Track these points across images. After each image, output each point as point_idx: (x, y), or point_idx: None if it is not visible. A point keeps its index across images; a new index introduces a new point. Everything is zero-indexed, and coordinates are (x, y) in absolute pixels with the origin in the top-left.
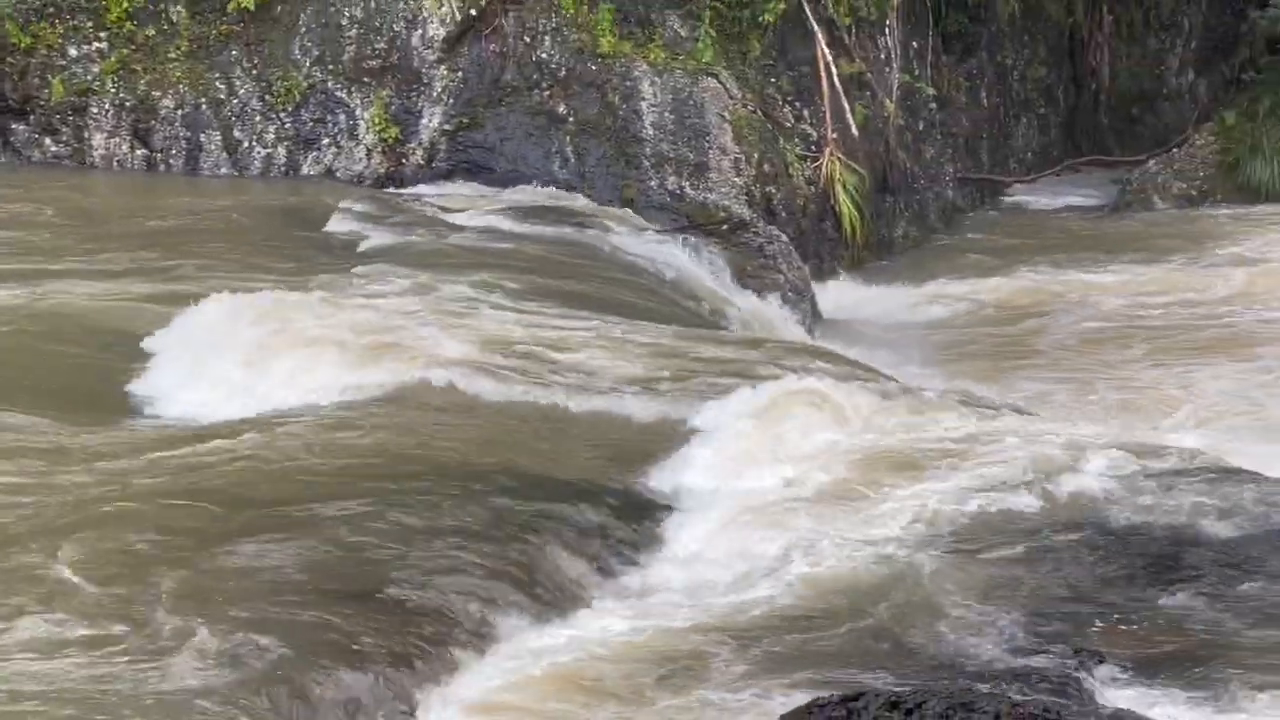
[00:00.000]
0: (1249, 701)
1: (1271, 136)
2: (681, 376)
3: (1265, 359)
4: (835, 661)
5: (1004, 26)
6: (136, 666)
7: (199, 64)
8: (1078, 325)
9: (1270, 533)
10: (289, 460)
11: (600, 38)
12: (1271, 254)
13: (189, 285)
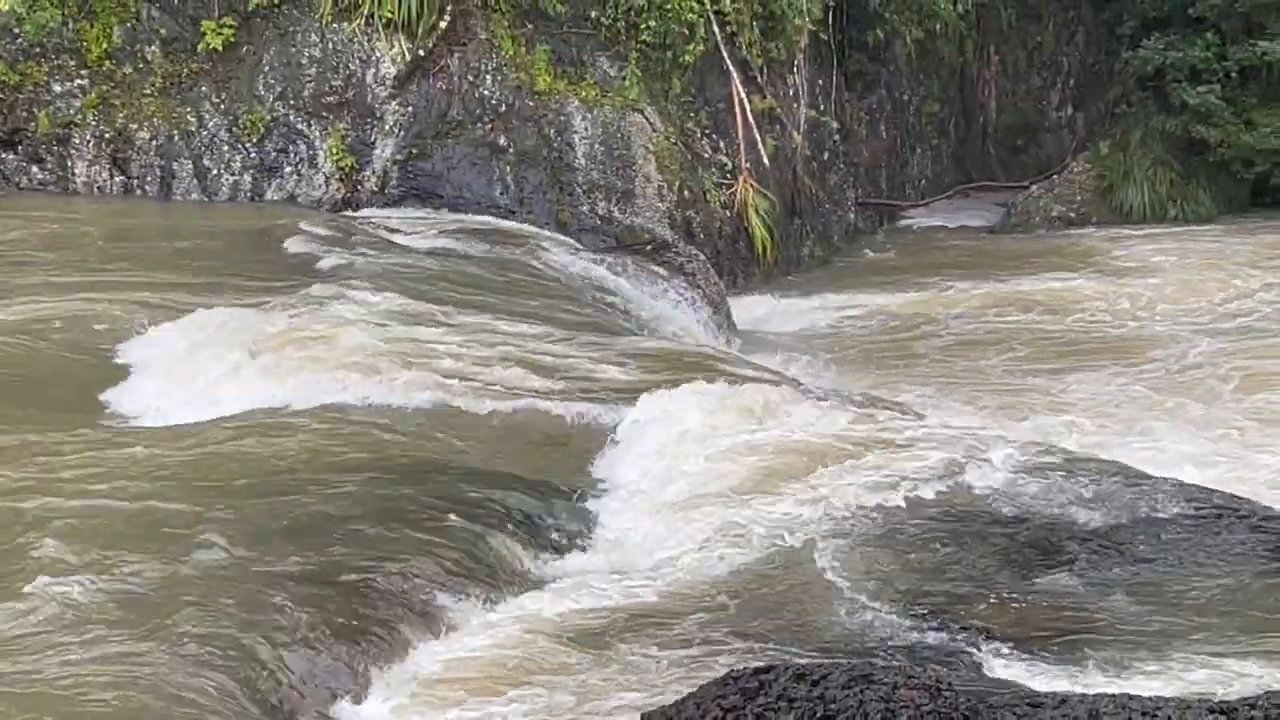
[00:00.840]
0: (1120, 671)
1: (1141, 165)
2: (609, 381)
3: (1129, 364)
4: (749, 638)
5: (901, 66)
6: (114, 648)
7: (171, 99)
8: (964, 334)
9: (1137, 520)
10: (251, 460)
11: (537, 76)
12: (1136, 271)
13: (162, 301)
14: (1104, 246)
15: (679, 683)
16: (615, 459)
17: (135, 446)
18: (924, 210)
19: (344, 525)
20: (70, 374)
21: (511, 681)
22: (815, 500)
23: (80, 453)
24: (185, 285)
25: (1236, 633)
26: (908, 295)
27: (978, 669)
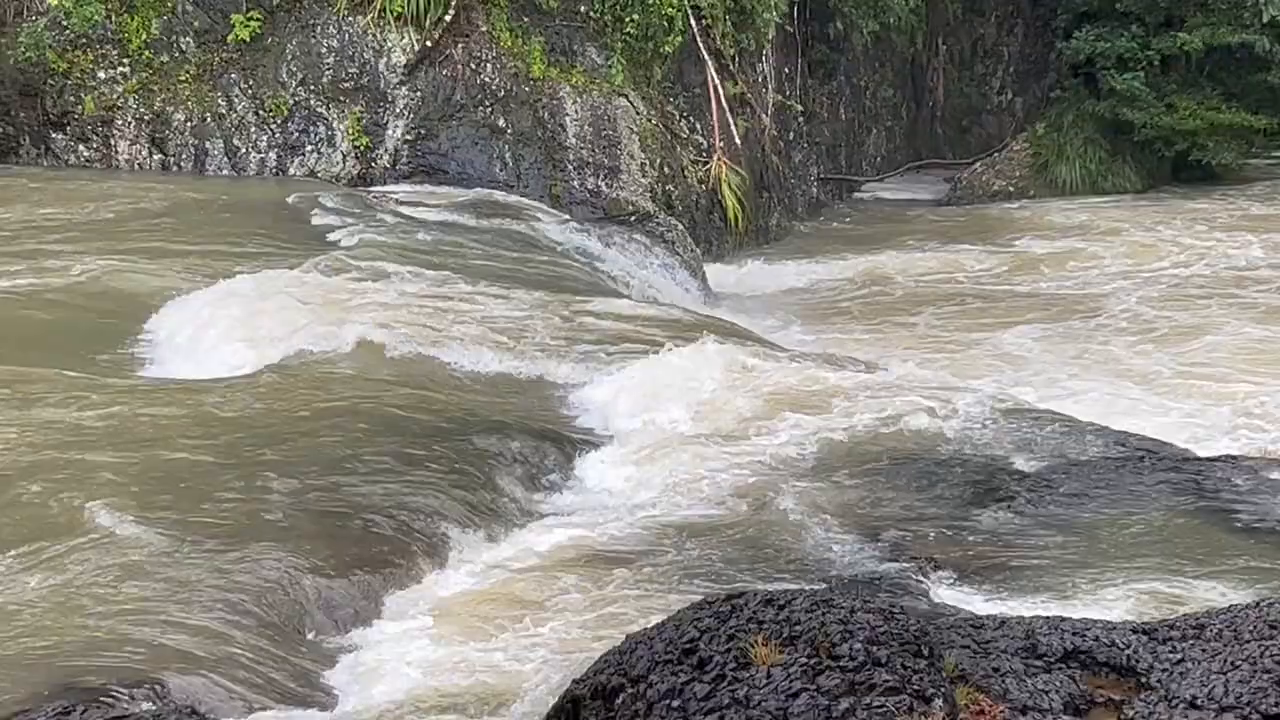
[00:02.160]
0: (1054, 596)
1: (1074, 143)
2: (598, 337)
3: (1066, 320)
4: (723, 567)
5: (858, 55)
6: (156, 574)
7: (204, 85)
8: (917, 294)
9: (1069, 461)
10: (276, 408)
11: (532, 65)
12: (1072, 238)
13: (198, 265)
14: (1041, 216)
15: (661, 607)
16: (603, 408)
17: (172, 396)
18: (879, 184)
19: (358, 466)
20: (114, 331)
21: (512, 606)
22: (782, 444)
23: (123, 401)
24: (218, 251)
25: (1156, 562)
26: (865, 260)
27: (926, 595)
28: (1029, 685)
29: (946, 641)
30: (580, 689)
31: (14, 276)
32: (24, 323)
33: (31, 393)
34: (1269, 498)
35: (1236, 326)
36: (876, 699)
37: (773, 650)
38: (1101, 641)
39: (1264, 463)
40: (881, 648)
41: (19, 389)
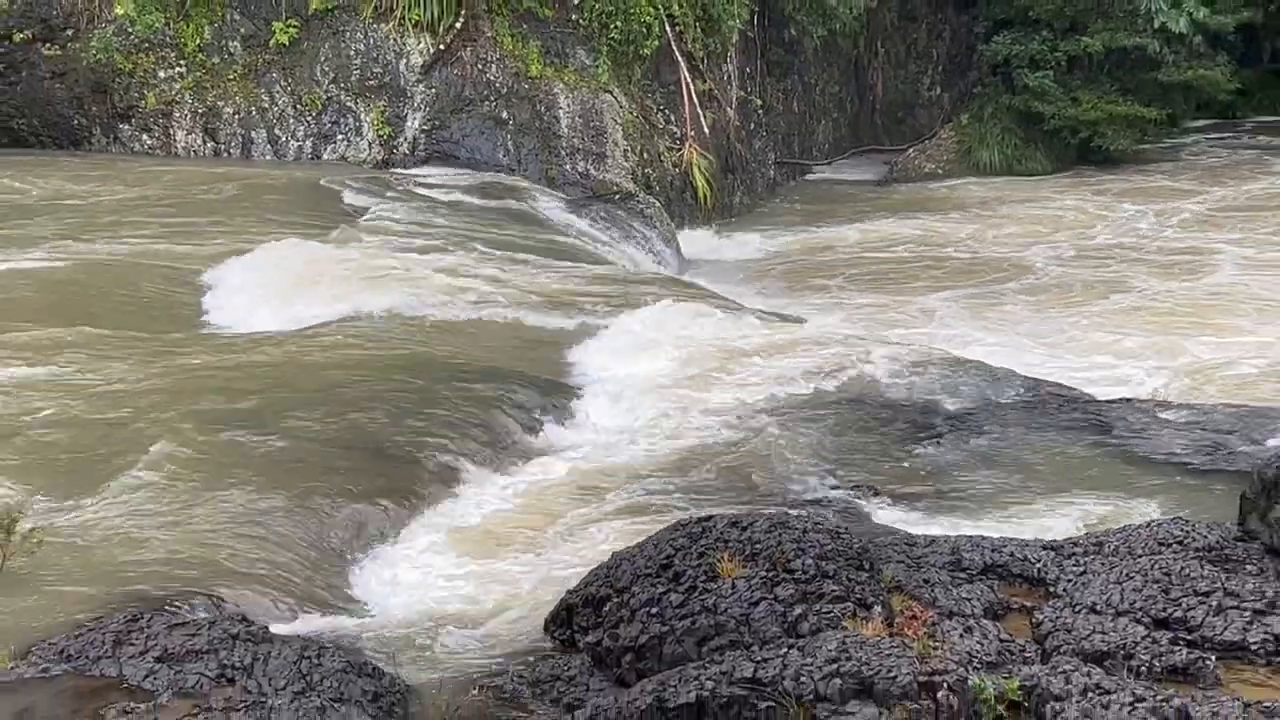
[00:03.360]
0: (976, 519)
1: (993, 132)
2: (587, 298)
3: (981, 283)
4: (695, 494)
5: (809, 57)
6: (210, 502)
7: (250, 82)
8: (861, 261)
9: (989, 404)
10: (313, 359)
11: (530, 65)
12: (994, 212)
13: (244, 236)
14: (966, 194)
15: (642, 528)
16: (591, 359)
17: (224, 349)
18: (827, 167)
19: (384, 409)
20: (173, 293)
21: (516, 528)
22: (746, 389)
23: (182, 354)
24: (263, 223)
25: (1062, 489)
26: (816, 232)
27: (868, 518)
28: (954, 594)
29: (885, 557)
30: (574, 598)
31: (91, 244)
32: (99, 285)
33: (104, 346)
34: (1158, 433)
35: (1134, 284)
36: (825, 606)
37: (737, 565)
38: (1016, 557)
39: (1154, 404)
40: (829, 563)
41: (94, 343)
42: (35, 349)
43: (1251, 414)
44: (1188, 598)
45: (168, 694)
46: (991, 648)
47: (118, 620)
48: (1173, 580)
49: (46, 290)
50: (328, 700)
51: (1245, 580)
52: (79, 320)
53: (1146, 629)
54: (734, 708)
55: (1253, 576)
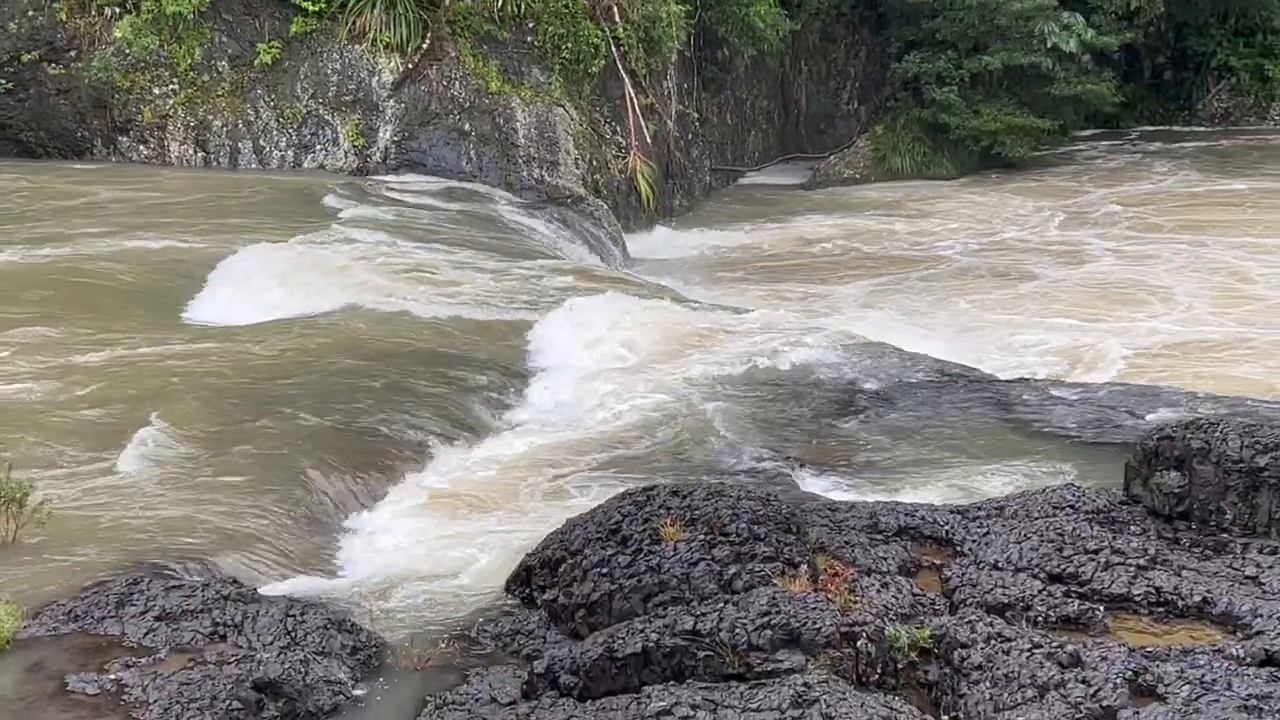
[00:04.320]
0: (891, 487)
1: (904, 141)
2: (542, 292)
3: (896, 274)
4: (640, 466)
5: (741, 74)
6: (203, 476)
7: (237, 98)
8: (788, 256)
9: (903, 383)
10: (290, 349)
11: (490, 82)
12: (899, 212)
13: (232, 237)
14: (881, 196)
15: (593, 497)
16: (545, 346)
17: (208, 340)
18: (757, 173)
19: (356, 391)
20: (163, 289)
21: (480, 498)
22: (687, 372)
23: (169, 343)
24: (248, 223)
25: (966, 461)
26: (748, 231)
27: (796, 486)
28: (872, 554)
29: (810, 521)
30: (532, 560)
31: (95, 245)
32: (103, 281)
33: (108, 335)
34: (1052, 409)
35: (1030, 273)
36: (757, 565)
37: (678, 530)
38: (927, 520)
39: (1049, 383)
40: (761, 526)
41: (99, 333)
42: (38, 339)
43: (1134, 392)
44: (1079, 555)
45: (165, 649)
46: (905, 601)
47: (120, 583)
48: (1066, 540)
49: (48, 282)
50: (311, 654)
51: (1130, 539)
52: (79, 311)
53: (1043, 583)
54: (676, 657)
55: (1136, 536)
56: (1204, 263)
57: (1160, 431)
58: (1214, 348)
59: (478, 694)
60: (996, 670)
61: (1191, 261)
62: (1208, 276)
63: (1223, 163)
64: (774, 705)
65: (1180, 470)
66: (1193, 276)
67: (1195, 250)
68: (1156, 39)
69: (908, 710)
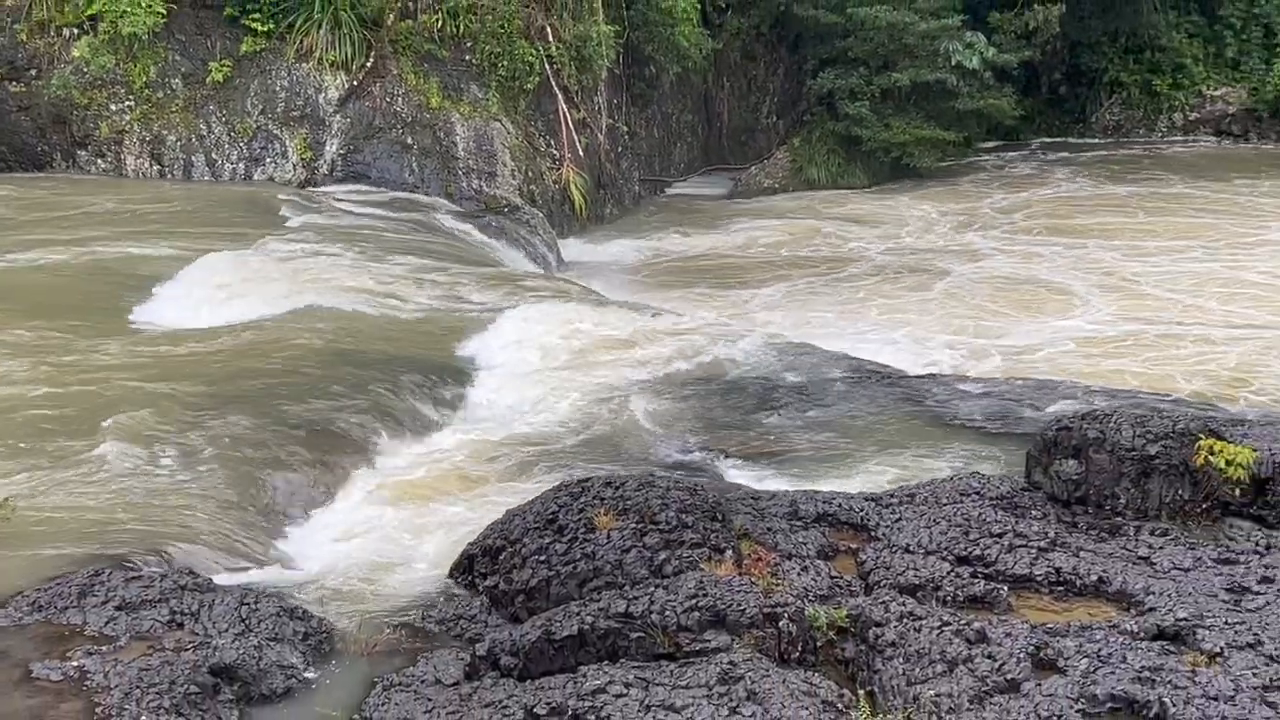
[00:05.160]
0: (810, 476)
1: (820, 153)
2: (482, 297)
3: (813, 277)
4: (576, 459)
5: (667, 90)
6: (162, 473)
7: (190, 114)
8: (713, 260)
9: (821, 380)
10: (240, 351)
11: (431, 98)
12: (816, 218)
13: (188, 245)
14: (799, 204)
15: (531, 489)
16: (484, 347)
17: (165, 343)
18: (683, 183)
19: (306, 391)
20: (122, 295)
21: (423, 490)
22: (619, 371)
23: (128, 346)
24: (201, 233)
25: (880, 451)
26: (675, 237)
27: (721, 476)
28: (792, 539)
29: (734, 510)
30: (474, 549)
31: (55, 253)
32: (57, 287)
33: (68, 339)
34: (959, 403)
35: (937, 274)
36: (685, 551)
37: (611, 519)
38: (843, 507)
39: (955, 378)
40: (689, 515)
41: (60, 337)
42: None
43: (1034, 385)
44: (984, 539)
45: (126, 637)
46: (823, 583)
47: (82, 575)
48: (972, 524)
49: (8, 290)
50: (264, 640)
51: (1031, 524)
52: (39, 315)
53: (951, 565)
54: (610, 638)
55: (1037, 520)
56: (1097, 263)
57: (1059, 422)
58: (1108, 343)
59: (423, 675)
60: (909, 647)
61: (1086, 262)
62: (1101, 276)
63: (1114, 171)
64: (702, 682)
65: (1077, 458)
66: (1087, 276)
67: (1089, 252)
68: (1053, 56)
69: (827, 685)
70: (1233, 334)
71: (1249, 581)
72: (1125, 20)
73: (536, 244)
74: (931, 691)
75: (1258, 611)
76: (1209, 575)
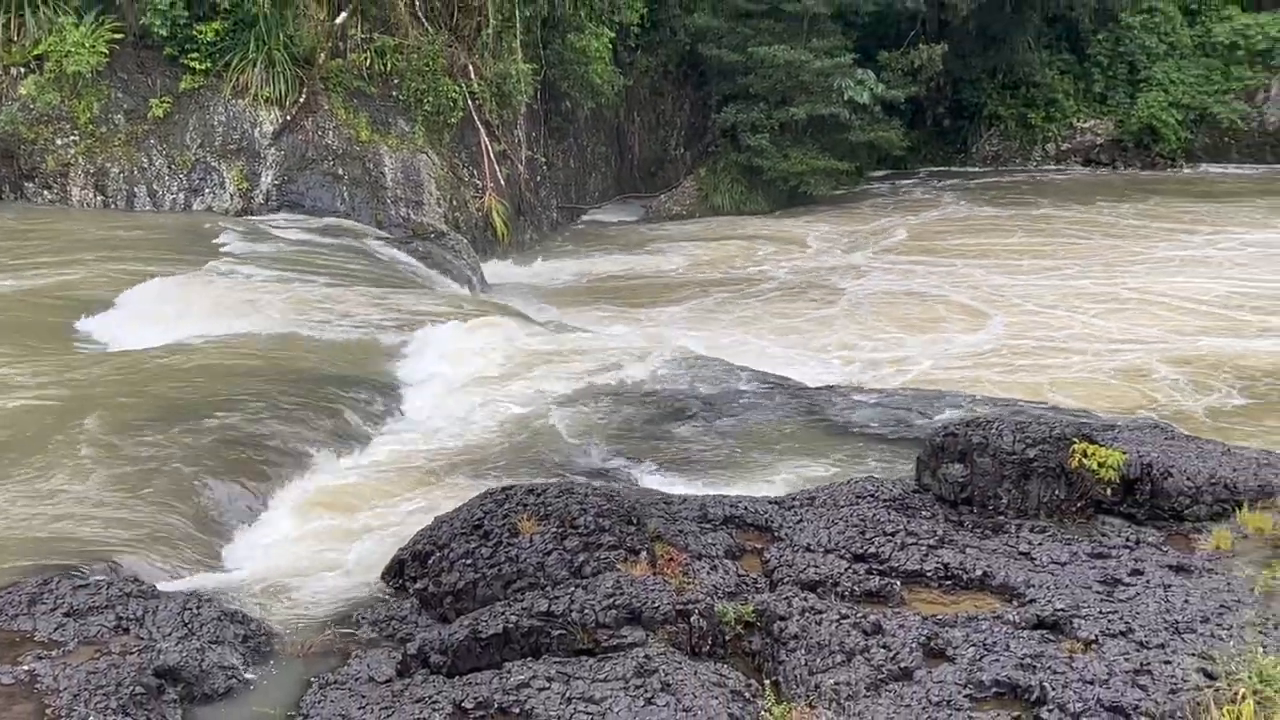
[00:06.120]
0: (719, 482)
1: (724, 181)
2: (412, 316)
3: (719, 295)
4: (501, 469)
5: (582, 124)
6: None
7: (132, 147)
8: (627, 281)
9: (729, 392)
10: (181, 369)
11: (361, 132)
12: (721, 242)
13: (134, 270)
14: (705, 228)
15: (459, 496)
16: (413, 364)
17: (113, 362)
18: (598, 210)
19: (244, 407)
20: (71, 317)
21: (356, 499)
22: (540, 385)
23: (77, 366)
24: (144, 259)
25: (783, 458)
26: (591, 260)
27: (636, 483)
28: (702, 540)
29: (648, 513)
30: (404, 554)
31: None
32: (16, 311)
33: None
34: (855, 412)
35: (833, 291)
36: (603, 553)
37: (534, 524)
38: (749, 510)
39: (851, 389)
40: (606, 519)
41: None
42: None
43: (923, 395)
44: (879, 537)
45: (74, 642)
46: (731, 581)
47: (31, 584)
48: (867, 524)
49: None
50: (206, 642)
51: (921, 523)
52: None
53: (848, 562)
54: (533, 636)
55: (927, 520)
56: (981, 281)
57: (945, 429)
58: (992, 354)
59: (357, 674)
60: (810, 639)
61: (971, 280)
62: (985, 293)
63: (994, 196)
64: (619, 675)
65: (963, 462)
66: (972, 293)
67: (973, 270)
68: (937, 92)
69: (735, 676)
70: (1104, 345)
71: (1120, 574)
72: (1003, 58)
73: (461, 267)
74: (831, 680)
75: (1128, 601)
76: (1084, 569)
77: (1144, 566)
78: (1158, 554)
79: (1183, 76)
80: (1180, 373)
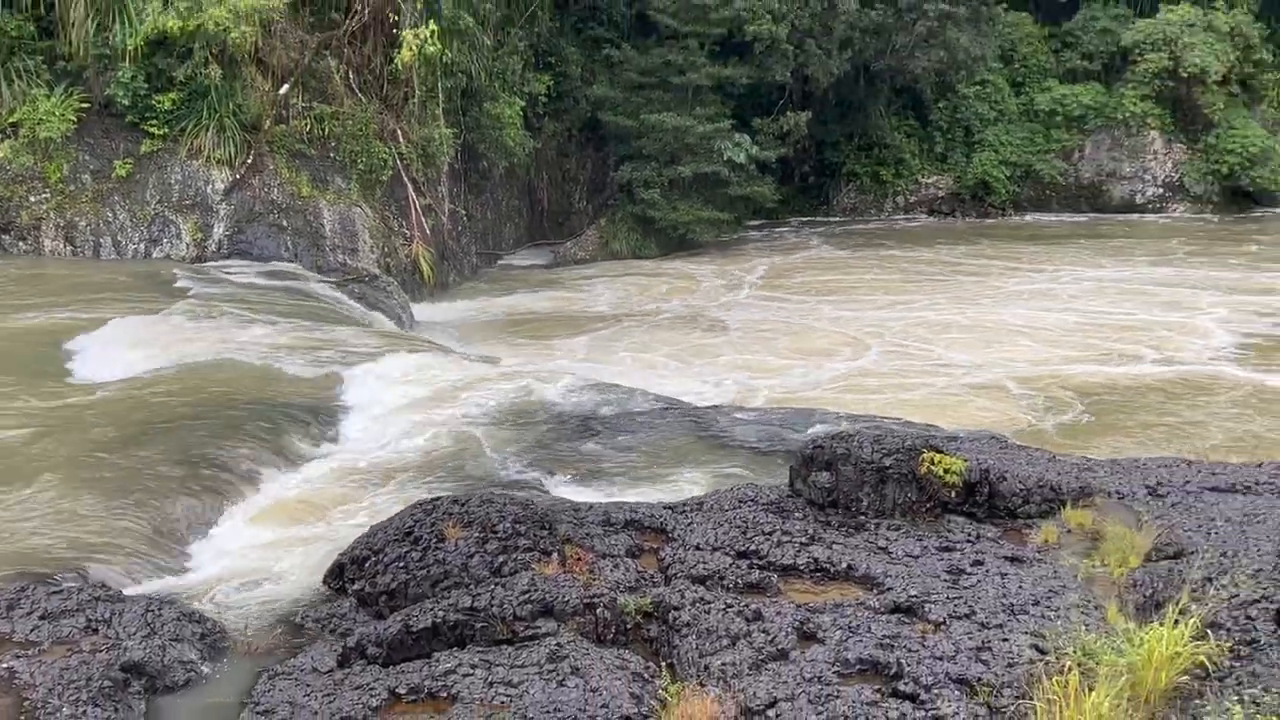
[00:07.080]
0: (621, 491)
1: (622, 230)
2: (348, 350)
3: (619, 328)
4: (430, 482)
5: (498, 180)
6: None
7: (99, 203)
8: (541, 318)
9: (628, 412)
10: (153, 398)
11: (302, 188)
12: (621, 280)
13: (100, 310)
14: (606, 271)
15: (392, 507)
16: (352, 391)
17: (82, 393)
18: (512, 256)
19: (202, 430)
20: (45, 354)
21: (301, 511)
22: (463, 409)
23: (49, 396)
24: (108, 302)
25: (675, 469)
26: (506, 299)
27: (548, 492)
28: (606, 542)
29: (559, 519)
30: (344, 558)
31: None
32: None
33: None
34: (737, 428)
35: (717, 324)
36: (519, 555)
37: (458, 530)
38: (647, 514)
39: (734, 408)
40: (522, 525)
41: None
42: None
43: (796, 412)
44: (758, 536)
45: (48, 642)
46: (632, 577)
47: (10, 590)
48: (748, 526)
49: None
50: (167, 640)
51: (795, 524)
52: None
53: (732, 559)
54: (458, 628)
55: (799, 521)
56: (849, 314)
57: (814, 442)
58: (857, 377)
59: (302, 665)
60: (700, 626)
61: (838, 312)
62: (852, 325)
63: (853, 242)
64: (535, 661)
65: (829, 470)
66: (841, 324)
67: (842, 304)
68: (803, 153)
69: (636, 660)
70: (949, 368)
71: (964, 564)
72: (858, 124)
73: (393, 306)
74: (719, 661)
75: (971, 588)
76: (933, 560)
77: (984, 558)
78: (995, 547)
79: (1010, 139)
80: (1033, 391)
